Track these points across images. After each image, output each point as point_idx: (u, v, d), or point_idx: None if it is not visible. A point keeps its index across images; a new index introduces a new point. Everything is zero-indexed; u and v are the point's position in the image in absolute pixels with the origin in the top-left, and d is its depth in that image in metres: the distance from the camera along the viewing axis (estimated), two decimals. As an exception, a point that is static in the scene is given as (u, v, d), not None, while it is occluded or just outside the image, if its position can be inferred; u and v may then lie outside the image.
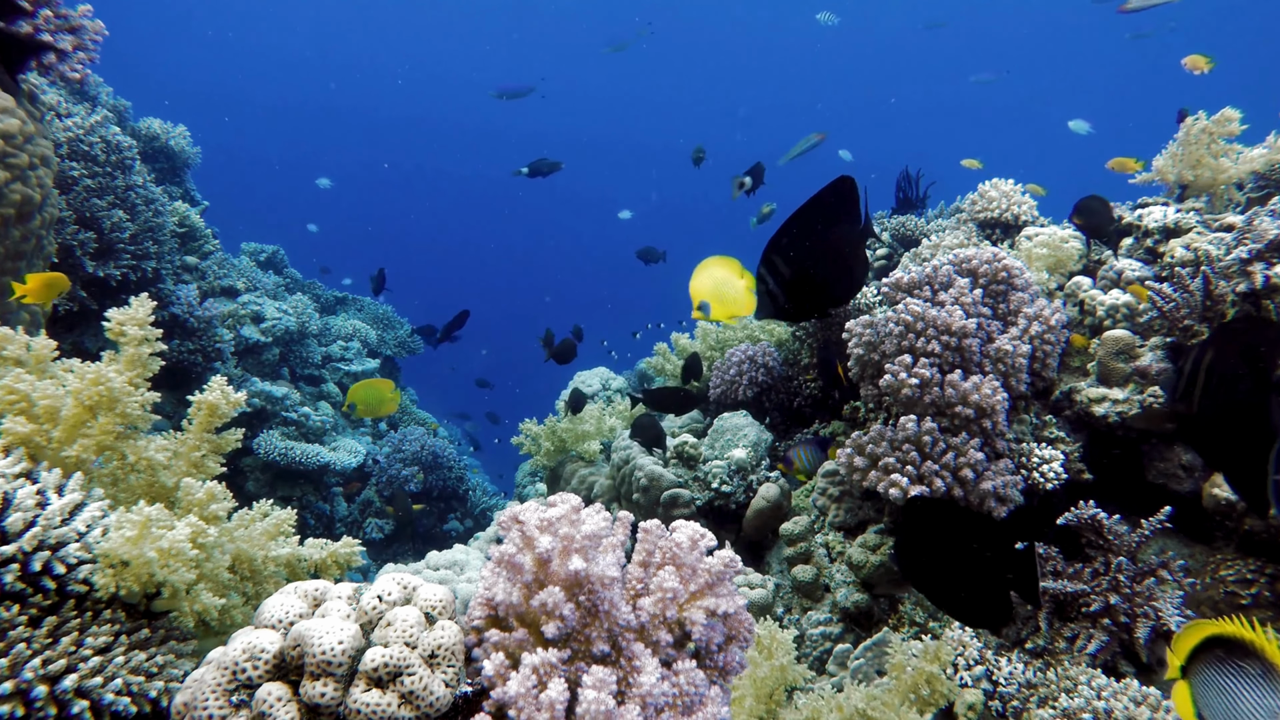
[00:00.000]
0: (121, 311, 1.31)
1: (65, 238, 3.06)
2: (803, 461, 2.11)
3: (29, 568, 1.01)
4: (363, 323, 5.53)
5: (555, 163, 4.27)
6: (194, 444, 1.38)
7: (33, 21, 2.29)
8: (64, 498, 1.09)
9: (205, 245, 4.48)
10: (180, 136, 4.54)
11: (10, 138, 2.14)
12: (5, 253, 2.20)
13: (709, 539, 0.92)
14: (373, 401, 3.12)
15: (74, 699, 0.97)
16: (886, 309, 2.36)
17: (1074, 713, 1.51)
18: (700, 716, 0.82)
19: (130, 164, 3.41)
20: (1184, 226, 2.32)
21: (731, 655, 0.90)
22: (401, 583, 0.89)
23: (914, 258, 2.99)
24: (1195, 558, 1.91)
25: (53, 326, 2.80)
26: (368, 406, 3.12)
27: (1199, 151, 2.52)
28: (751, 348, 2.77)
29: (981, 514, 1.25)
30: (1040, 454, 1.97)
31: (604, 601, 0.83)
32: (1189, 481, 1.94)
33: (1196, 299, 1.98)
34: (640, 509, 2.50)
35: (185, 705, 0.79)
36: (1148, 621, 1.66)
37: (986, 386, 1.86)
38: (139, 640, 1.08)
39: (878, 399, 2.18)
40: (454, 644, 0.83)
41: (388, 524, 4.66)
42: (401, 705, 0.78)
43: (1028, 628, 1.87)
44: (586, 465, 2.90)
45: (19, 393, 1.20)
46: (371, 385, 3.18)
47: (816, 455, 2.11)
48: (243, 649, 0.81)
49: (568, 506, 0.87)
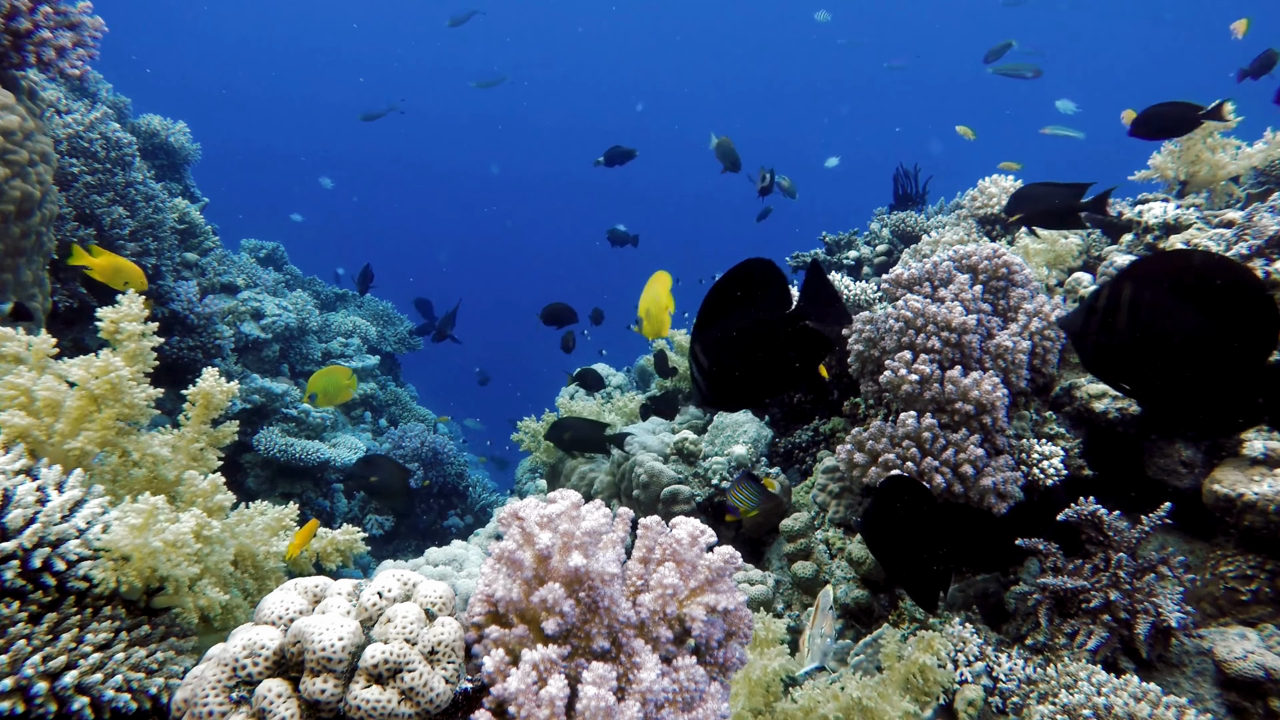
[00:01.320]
0: (114, 310, 1.31)
1: (65, 234, 3.06)
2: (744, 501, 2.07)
3: (29, 564, 1.01)
4: (363, 319, 5.53)
5: (630, 150, 4.13)
6: (192, 436, 1.38)
7: (32, 19, 2.28)
8: (64, 494, 1.09)
9: (205, 242, 4.48)
10: (180, 133, 4.53)
11: (10, 134, 2.14)
12: (5, 249, 2.20)
13: (709, 535, 0.92)
14: (331, 389, 3.09)
15: (74, 695, 0.97)
16: (886, 305, 2.36)
17: (1074, 709, 1.51)
18: (700, 713, 0.83)
19: (130, 160, 3.40)
20: (1184, 223, 2.31)
21: (731, 651, 0.90)
22: (401, 579, 0.89)
23: (914, 254, 2.99)
24: (1195, 554, 1.91)
25: (52, 323, 2.80)
26: (327, 395, 3.09)
27: (1196, 147, 2.52)
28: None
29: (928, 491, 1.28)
30: (1040, 450, 1.97)
31: (604, 598, 0.83)
32: (1189, 478, 1.94)
33: (1197, 295, 1.98)
34: (640, 505, 2.50)
35: (185, 701, 0.80)
36: (1148, 618, 1.67)
37: (987, 383, 1.86)
38: (139, 637, 1.08)
39: (878, 395, 2.18)
40: (454, 640, 0.83)
41: (388, 520, 4.66)
42: (402, 701, 0.78)
43: (1028, 624, 1.88)
44: (586, 461, 2.90)
45: (19, 387, 1.20)
46: (329, 373, 3.14)
47: (753, 488, 2.07)
48: (243, 645, 0.81)
49: (568, 503, 0.87)
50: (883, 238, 3.48)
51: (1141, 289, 1.04)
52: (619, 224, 4.65)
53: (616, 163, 4.08)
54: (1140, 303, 1.03)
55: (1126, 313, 1.05)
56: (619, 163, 4.08)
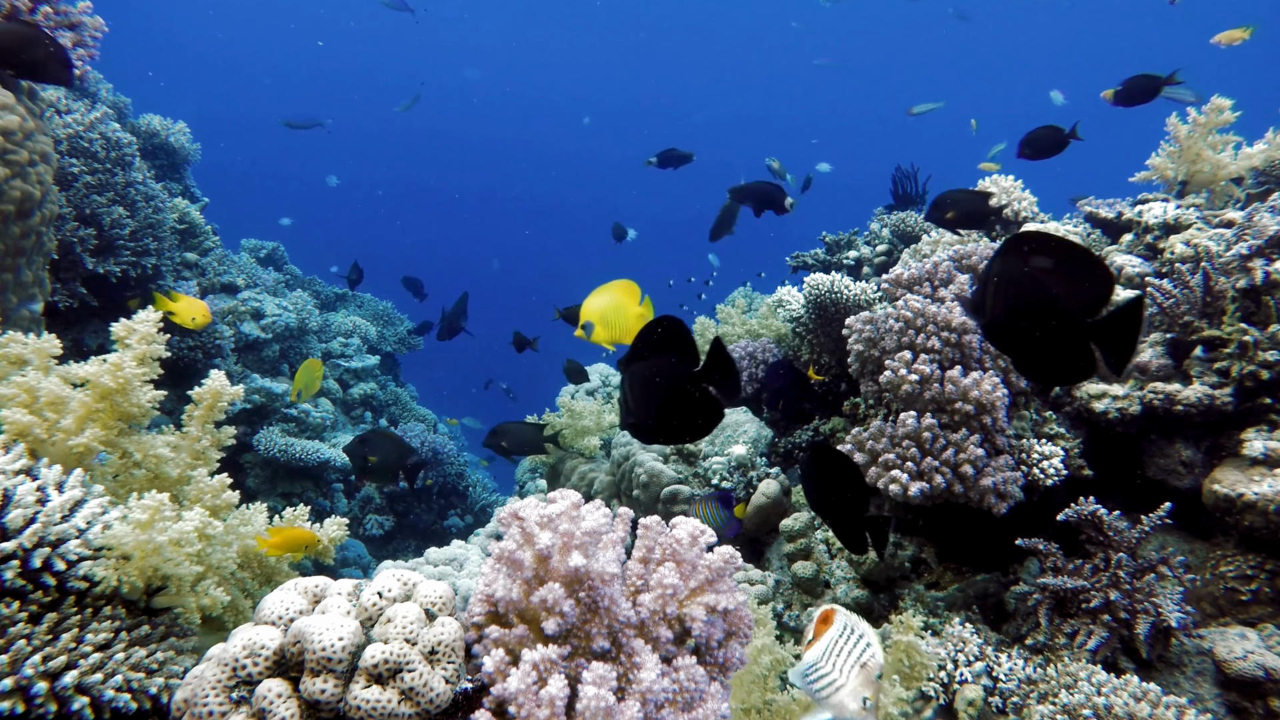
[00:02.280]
0: (127, 323, 1.32)
1: (65, 234, 3.06)
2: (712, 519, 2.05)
3: (29, 564, 1.01)
4: (363, 319, 5.53)
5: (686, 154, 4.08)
6: (196, 435, 1.38)
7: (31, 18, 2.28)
8: (64, 494, 1.09)
9: (205, 242, 4.47)
10: (180, 133, 4.53)
11: (10, 134, 2.14)
12: (5, 249, 2.20)
13: (709, 535, 0.92)
14: (306, 380, 3.25)
15: (74, 695, 0.97)
16: (886, 305, 2.36)
17: (1074, 709, 1.52)
18: (700, 713, 0.83)
19: (130, 160, 3.40)
20: (1184, 223, 2.31)
21: (731, 651, 0.90)
22: (401, 579, 0.89)
23: (914, 254, 2.99)
24: (1195, 554, 1.91)
25: (52, 323, 2.80)
26: (305, 387, 3.26)
27: (1197, 145, 2.52)
28: (752, 344, 2.77)
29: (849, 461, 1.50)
30: (1040, 450, 1.97)
31: (604, 598, 0.83)
32: (1189, 478, 1.94)
33: (1196, 295, 1.98)
34: (640, 505, 2.50)
35: (185, 701, 0.80)
36: (1148, 618, 1.67)
37: (987, 383, 1.86)
38: (139, 637, 1.08)
39: (878, 395, 2.18)
40: (454, 640, 0.83)
41: (388, 520, 4.66)
42: (402, 701, 0.78)
43: (1028, 624, 1.88)
44: (587, 461, 2.90)
45: (24, 385, 1.20)
46: (306, 369, 3.30)
47: (720, 514, 2.06)
48: (243, 645, 0.81)
49: (568, 503, 0.87)
50: (883, 238, 3.48)
51: (1006, 266, 1.19)
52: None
53: (670, 165, 4.03)
54: (1006, 279, 1.19)
55: (996, 289, 1.20)
56: (673, 165, 4.03)
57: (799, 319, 2.71)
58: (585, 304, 1.77)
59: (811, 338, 2.71)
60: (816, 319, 2.64)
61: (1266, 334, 1.86)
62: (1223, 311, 1.95)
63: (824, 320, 2.62)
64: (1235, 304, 1.94)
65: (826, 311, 2.56)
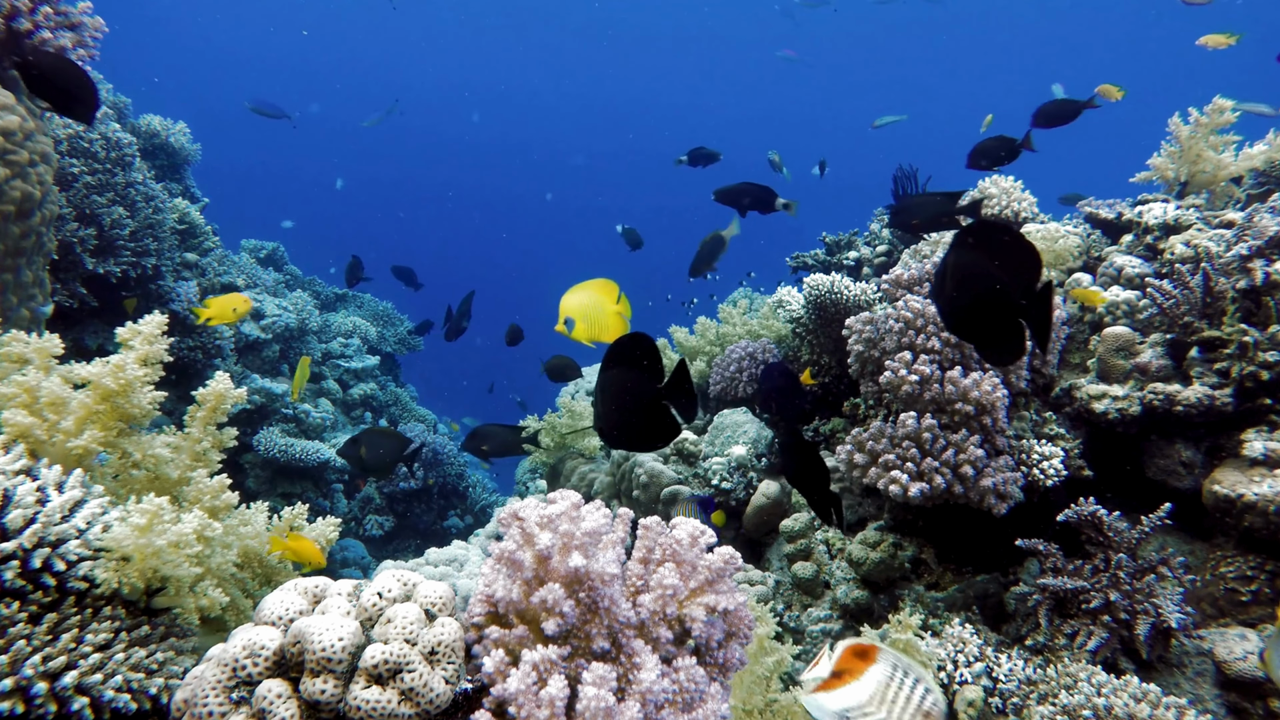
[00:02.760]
0: (133, 326, 1.32)
1: (65, 234, 3.06)
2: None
3: (29, 564, 1.01)
4: (363, 319, 5.53)
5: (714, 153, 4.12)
6: (197, 436, 1.38)
7: (32, 19, 2.28)
8: (64, 494, 1.09)
9: (205, 242, 4.47)
10: (180, 133, 4.53)
11: (10, 134, 2.14)
12: (5, 250, 2.20)
13: (709, 535, 0.92)
14: (297, 378, 3.41)
15: (74, 696, 0.97)
16: (886, 305, 2.36)
17: (1074, 709, 1.51)
18: (701, 713, 0.83)
19: (130, 161, 3.40)
20: (1184, 223, 2.31)
21: (732, 652, 0.90)
22: (401, 579, 0.89)
23: (914, 254, 2.99)
24: (1195, 554, 1.91)
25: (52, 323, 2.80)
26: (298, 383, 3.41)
27: (1198, 146, 2.52)
28: (752, 344, 2.77)
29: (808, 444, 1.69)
30: (1040, 451, 1.97)
31: (604, 598, 0.83)
32: (1189, 478, 1.94)
33: (1196, 295, 1.98)
34: (640, 506, 2.50)
35: (185, 702, 0.80)
36: (1148, 618, 1.67)
37: (986, 383, 1.86)
38: (139, 637, 1.08)
39: (878, 395, 2.18)
40: (454, 641, 0.83)
41: (388, 520, 4.66)
42: (401, 702, 0.78)
43: (1028, 624, 1.88)
44: (587, 462, 2.90)
45: (24, 385, 1.20)
46: (300, 365, 3.49)
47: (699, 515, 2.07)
48: (243, 646, 0.81)
49: (568, 503, 0.87)
50: (882, 238, 3.48)
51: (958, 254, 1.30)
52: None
53: (700, 164, 4.06)
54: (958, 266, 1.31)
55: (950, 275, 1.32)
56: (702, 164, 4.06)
57: (799, 319, 2.71)
58: (564, 300, 1.79)
59: (811, 338, 2.71)
60: (816, 319, 2.64)
61: (1266, 335, 1.86)
62: (1223, 312, 1.95)
63: (824, 321, 2.62)
64: (1235, 304, 1.94)
65: (826, 312, 2.56)
